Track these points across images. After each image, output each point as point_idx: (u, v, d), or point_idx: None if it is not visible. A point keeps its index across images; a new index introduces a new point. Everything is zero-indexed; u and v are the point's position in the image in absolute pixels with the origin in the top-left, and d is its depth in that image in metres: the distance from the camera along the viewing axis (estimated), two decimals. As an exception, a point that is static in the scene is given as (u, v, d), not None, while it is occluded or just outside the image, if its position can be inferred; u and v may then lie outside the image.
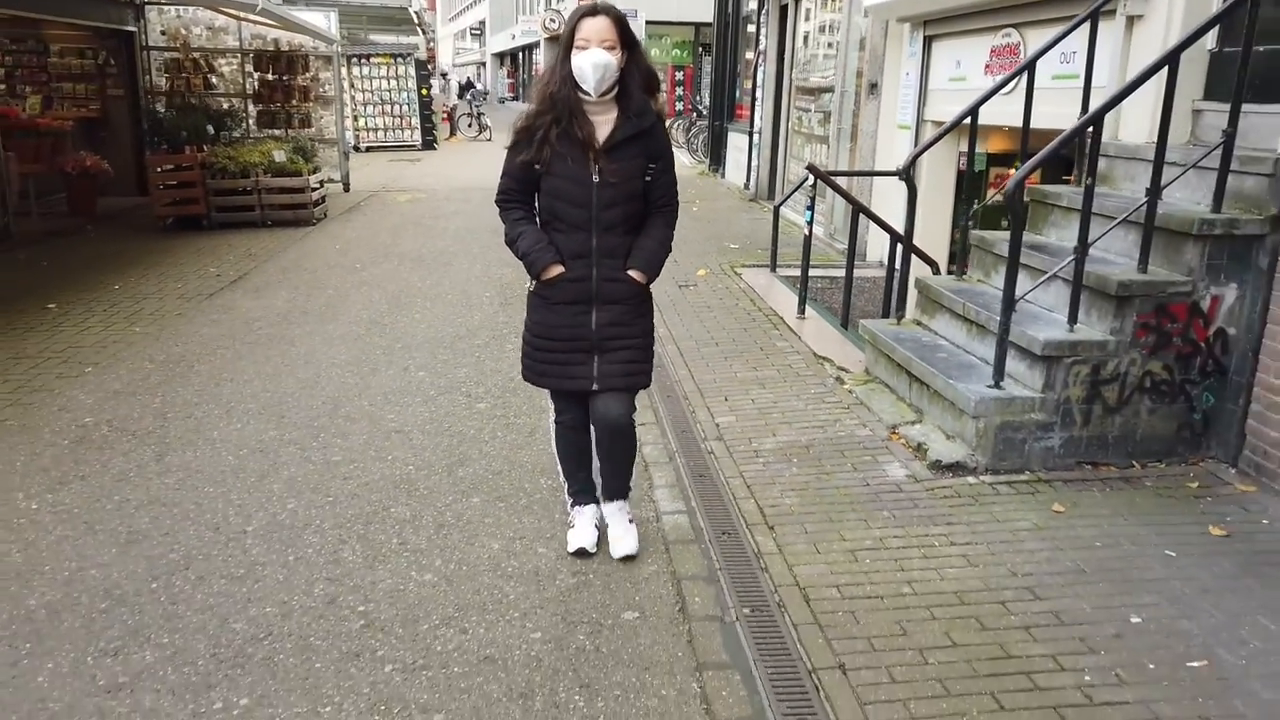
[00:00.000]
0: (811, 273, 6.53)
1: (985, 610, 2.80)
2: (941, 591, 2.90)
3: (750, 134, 12.70)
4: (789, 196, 8.04)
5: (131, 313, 6.34)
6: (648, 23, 21.97)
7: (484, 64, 54.75)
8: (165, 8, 11.98)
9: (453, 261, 8.27)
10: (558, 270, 2.87)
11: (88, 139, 11.37)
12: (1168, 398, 3.82)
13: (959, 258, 5.14)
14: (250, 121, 12.47)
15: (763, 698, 2.42)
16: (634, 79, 2.79)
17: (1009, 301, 3.75)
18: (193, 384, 4.89)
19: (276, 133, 12.23)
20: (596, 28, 2.72)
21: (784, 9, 11.38)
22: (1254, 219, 3.63)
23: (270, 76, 12.52)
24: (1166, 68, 3.60)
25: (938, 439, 3.99)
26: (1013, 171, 4.52)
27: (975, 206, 5.14)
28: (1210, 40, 4.34)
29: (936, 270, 5.89)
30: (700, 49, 25.28)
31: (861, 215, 6.17)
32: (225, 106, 11.91)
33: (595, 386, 2.95)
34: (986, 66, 6.44)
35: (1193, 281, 3.71)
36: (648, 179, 2.88)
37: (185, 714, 2.35)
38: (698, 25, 24.15)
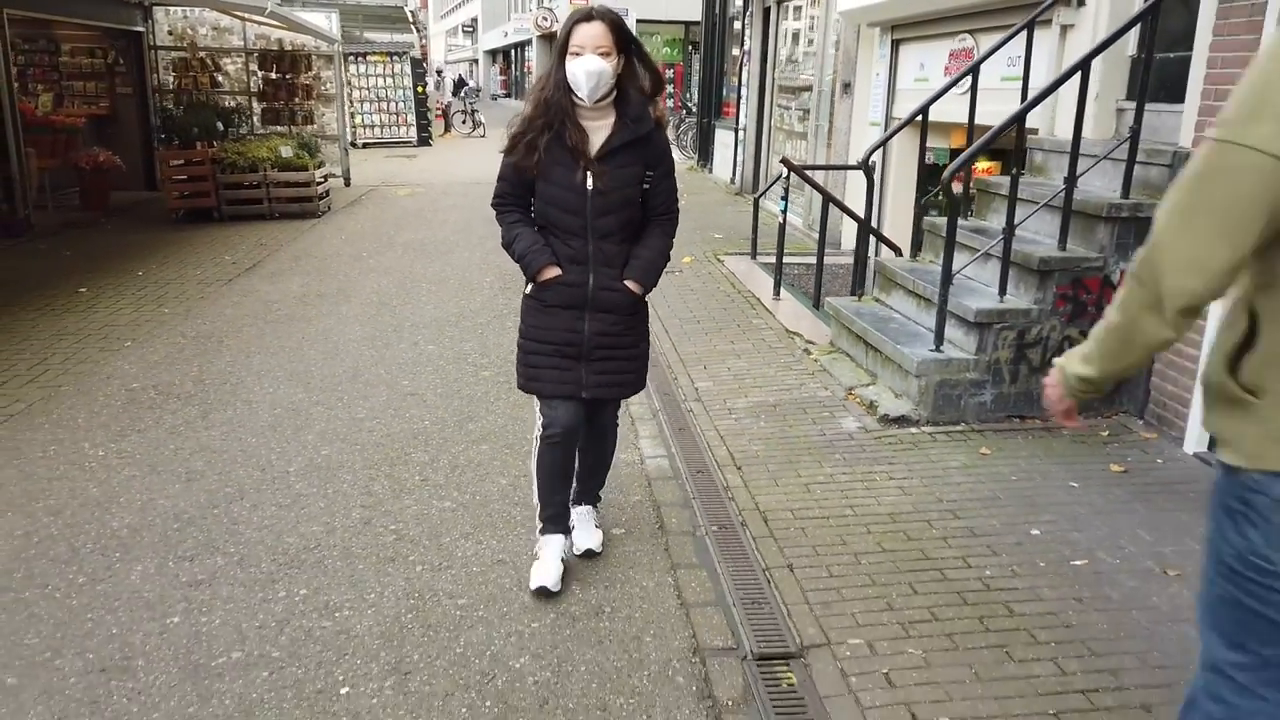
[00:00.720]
0: (789, 260, 7.11)
1: (912, 526, 3.37)
2: (877, 513, 3.47)
3: (736, 130, 13.24)
4: (768, 189, 8.59)
5: (158, 296, 6.86)
6: (638, 21, 22.47)
7: (476, 61, 55.19)
8: (172, 9, 12.48)
9: (453, 250, 8.80)
10: (554, 272, 2.80)
11: (97, 135, 11.87)
12: (1085, 359, 4.38)
13: (914, 243, 5.70)
14: (255, 119, 12.97)
15: (724, 587, 2.98)
16: (632, 84, 2.75)
17: (947, 275, 4.32)
18: (224, 356, 5.43)
19: (280, 129, 12.74)
20: (591, 34, 2.64)
21: (767, 11, 11.93)
22: (1156, 203, 4.19)
23: (274, 75, 13.03)
24: (1080, 72, 4.17)
25: (887, 397, 4.55)
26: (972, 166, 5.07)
27: (927, 195, 5.69)
28: (1131, 47, 4.92)
29: (899, 253, 6.45)
30: (690, 47, 25.77)
31: (832, 205, 6.72)
32: (232, 104, 12.41)
33: (584, 394, 2.92)
34: (946, 68, 7.01)
35: (1104, 257, 4.28)
36: (646, 186, 2.81)
37: (256, 600, 2.90)
38: (687, 24, 24.64)
